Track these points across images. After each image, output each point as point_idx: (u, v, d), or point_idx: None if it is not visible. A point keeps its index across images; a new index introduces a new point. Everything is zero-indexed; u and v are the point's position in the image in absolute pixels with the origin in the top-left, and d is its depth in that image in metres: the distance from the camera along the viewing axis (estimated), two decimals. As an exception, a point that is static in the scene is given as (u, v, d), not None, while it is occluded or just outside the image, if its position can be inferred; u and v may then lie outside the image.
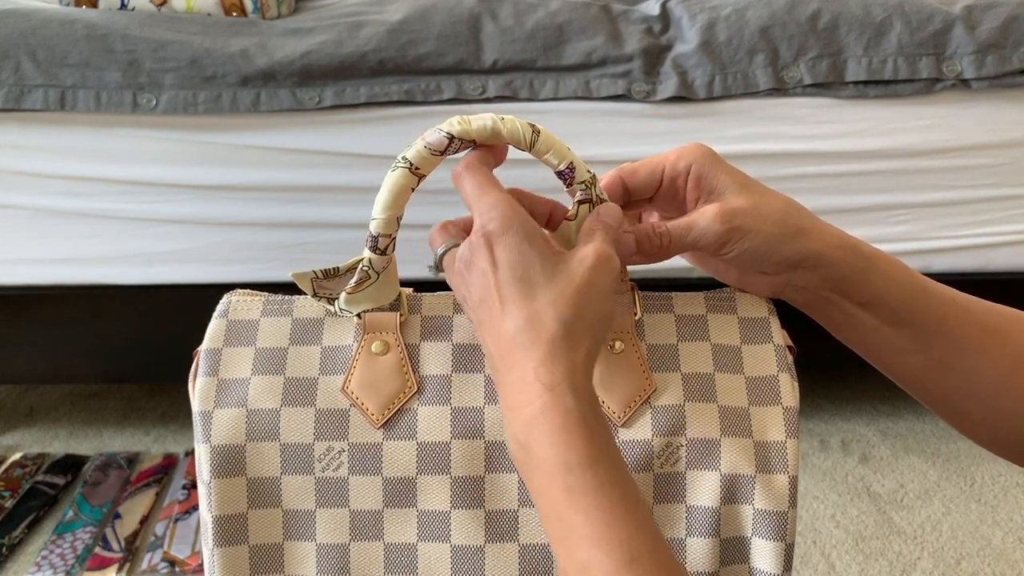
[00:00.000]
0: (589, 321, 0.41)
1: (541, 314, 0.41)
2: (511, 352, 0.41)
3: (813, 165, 1.28)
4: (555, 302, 0.41)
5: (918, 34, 1.24)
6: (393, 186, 0.45)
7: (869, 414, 1.61)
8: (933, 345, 0.48)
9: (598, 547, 0.37)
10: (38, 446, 1.53)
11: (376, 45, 1.23)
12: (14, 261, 1.29)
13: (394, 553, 0.48)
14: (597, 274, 0.42)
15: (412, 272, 1.19)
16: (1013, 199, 1.32)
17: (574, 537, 0.38)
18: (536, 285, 0.41)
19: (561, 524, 0.39)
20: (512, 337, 0.41)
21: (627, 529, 0.38)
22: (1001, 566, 1.25)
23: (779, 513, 0.47)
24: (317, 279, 0.49)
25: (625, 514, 0.38)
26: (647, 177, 0.47)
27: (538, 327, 0.40)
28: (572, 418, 0.39)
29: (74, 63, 1.20)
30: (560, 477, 0.39)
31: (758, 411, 0.48)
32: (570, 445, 0.39)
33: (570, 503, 0.38)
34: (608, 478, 0.38)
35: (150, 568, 1.25)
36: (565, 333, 0.40)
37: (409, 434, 0.48)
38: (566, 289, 0.41)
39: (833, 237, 0.47)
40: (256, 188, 1.26)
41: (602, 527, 0.37)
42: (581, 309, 0.41)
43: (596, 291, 0.42)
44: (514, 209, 0.43)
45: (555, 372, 0.40)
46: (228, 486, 0.47)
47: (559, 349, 0.40)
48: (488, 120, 0.45)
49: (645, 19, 1.32)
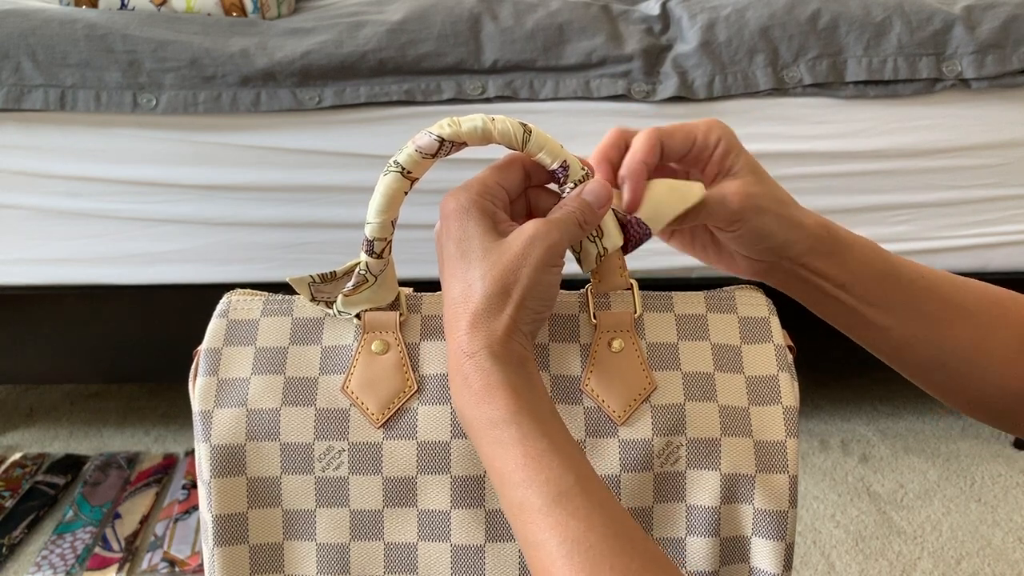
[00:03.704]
0: (514, 292, 0.44)
1: (472, 287, 0.44)
2: (450, 323, 0.45)
3: (813, 165, 1.28)
4: (484, 276, 0.44)
5: (918, 34, 1.24)
6: (386, 190, 0.45)
7: (869, 414, 1.61)
8: (905, 322, 0.51)
9: (529, 487, 0.40)
10: (38, 446, 1.53)
11: (376, 45, 1.23)
12: (14, 261, 1.29)
13: (394, 552, 0.48)
14: (530, 247, 0.44)
15: (412, 272, 1.20)
16: (1013, 199, 1.32)
17: (508, 483, 0.41)
18: (472, 259, 0.44)
19: (495, 474, 0.42)
20: (450, 308, 0.45)
21: (553, 469, 0.40)
22: (1001, 566, 1.25)
23: (779, 513, 0.47)
24: (315, 283, 0.49)
25: (551, 455, 0.41)
26: (682, 142, 0.49)
27: (467, 299, 0.44)
28: (492, 379, 0.42)
29: (74, 63, 1.20)
30: (487, 432, 0.42)
31: (758, 411, 0.48)
32: (492, 404, 0.42)
33: (499, 455, 0.42)
34: (531, 429, 0.41)
35: (150, 568, 1.25)
36: (487, 304, 0.43)
37: (409, 433, 0.48)
38: (497, 263, 0.44)
39: (817, 225, 0.50)
40: (256, 188, 1.26)
41: (531, 471, 0.40)
42: (506, 281, 0.43)
43: (523, 263, 0.44)
44: (476, 187, 0.46)
45: (475, 341, 0.43)
46: (228, 486, 0.47)
47: (480, 319, 0.43)
48: (479, 121, 0.45)
49: (645, 19, 1.32)
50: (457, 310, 0.44)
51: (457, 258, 0.45)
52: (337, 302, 0.49)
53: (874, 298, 0.51)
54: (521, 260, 0.44)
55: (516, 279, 0.44)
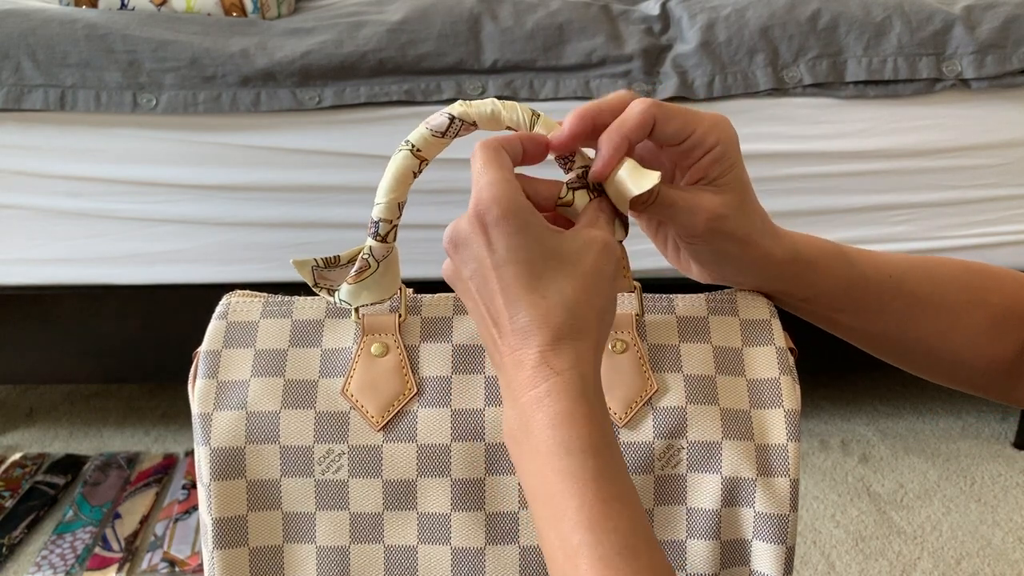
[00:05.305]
0: (596, 310, 0.41)
1: (548, 299, 0.40)
2: (514, 336, 0.40)
3: (813, 165, 1.28)
4: (562, 288, 0.40)
5: (918, 34, 1.24)
6: (395, 168, 0.45)
7: (869, 414, 1.61)
8: (872, 322, 0.51)
9: (593, 532, 0.37)
10: (38, 446, 1.53)
11: (376, 45, 1.23)
12: (14, 261, 1.29)
13: (394, 556, 0.48)
14: (603, 261, 0.41)
15: (412, 272, 1.20)
16: (1013, 199, 1.32)
17: (567, 521, 0.38)
18: (538, 269, 0.40)
19: (552, 507, 0.38)
20: (514, 321, 0.40)
21: (624, 520, 0.37)
22: (1001, 566, 1.25)
23: (780, 516, 0.46)
24: (318, 267, 0.48)
25: (620, 505, 0.38)
26: (675, 133, 0.44)
27: (544, 313, 0.40)
28: (579, 404, 0.39)
29: (74, 63, 1.20)
30: (557, 460, 0.38)
31: (759, 414, 0.48)
32: (572, 430, 0.38)
33: (565, 487, 0.38)
34: (607, 468, 0.38)
35: (150, 568, 1.25)
36: (572, 320, 0.40)
37: (409, 436, 0.48)
38: (572, 275, 0.40)
39: (784, 253, 0.48)
40: (256, 188, 1.26)
41: (598, 514, 0.37)
42: (588, 296, 0.40)
43: (601, 279, 0.41)
44: (512, 189, 0.41)
45: (563, 358, 0.39)
46: (228, 488, 0.47)
47: (566, 336, 0.40)
48: (489, 104, 0.46)
49: (645, 19, 1.32)
50: (529, 324, 0.40)
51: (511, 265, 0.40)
52: (339, 291, 0.49)
53: (839, 306, 0.50)
54: (598, 272, 0.41)
55: (597, 292, 0.41)
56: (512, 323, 0.40)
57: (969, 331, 0.51)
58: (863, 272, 0.50)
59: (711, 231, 0.45)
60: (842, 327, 0.52)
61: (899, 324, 0.51)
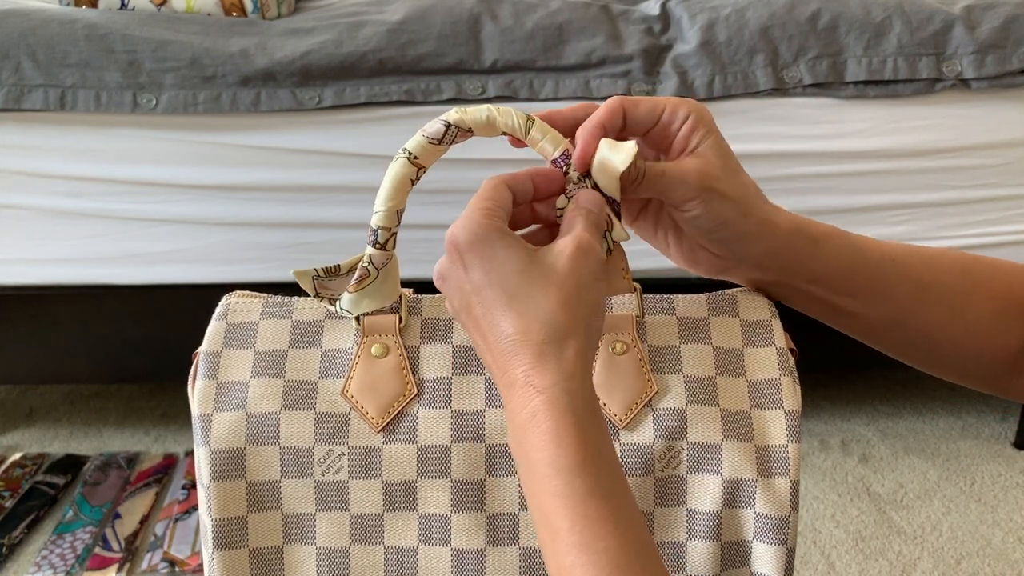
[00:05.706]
0: (577, 317, 0.41)
1: (525, 317, 0.40)
2: (502, 357, 0.41)
3: (813, 165, 1.28)
4: (538, 304, 0.40)
5: (918, 34, 1.24)
6: (393, 176, 0.45)
7: (869, 414, 1.61)
8: (875, 308, 0.51)
9: (584, 553, 0.37)
10: (38, 446, 1.53)
11: (376, 45, 1.23)
12: (14, 261, 1.29)
13: (394, 557, 0.48)
14: (578, 265, 0.41)
15: (412, 272, 1.20)
16: (1013, 199, 1.31)
17: (561, 542, 0.38)
18: (512, 288, 0.41)
19: (548, 527, 0.39)
20: (499, 343, 0.41)
21: (614, 538, 0.37)
22: (1001, 566, 1.25)
23: (780, 517, 0.46)
24: (319, 277, 0.48)
25: (612, 523, 0.38)
26: (647, 113, 0.46)
27: (524, 331, 0.40)
28: (564, 422, 0.39)
29: (74, 63, 1.20)
30: (549, 481, 0.39)
31: (760, 415, 0.48)
32: (560, 450, 0.38)
33: (557, 508, 0.38)
34: (597, 485, 0.38)
35: (150, 568, 1.25)
36: (552, 334, 0.40)
37: (409, 437, 0.48)
38: (547, 288, 0.40)
39: (788, 223, 0.48)
40: (256, 188, 1.26)
41: (588, 535, 0.37)
42: (566, 306, 0.40)
43: (578, 283, 0.41)
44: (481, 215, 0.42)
45: (546, 376, 0.39)
46: (228, 490, 0.47)
47: (548, 352, 0.40)
48: (484, 110, 0.46)
49: (645, 19, 1.32)
50: (511, 345, 0.40)
51: (489, 288, 0.41)
52: (340, 300, 0.49)
53: (844, 288, 0.50)
54: (576, 277, 0.41)
55: (577, 299, 0.41)
56: (498, 345, 0.41)
57: (971, 321, 0.51)
58: (865, 254, 0.50)
59: (705, 190, 0.45)
60: (846, 315, 0.51)
61: (902, 311, 0.51)
